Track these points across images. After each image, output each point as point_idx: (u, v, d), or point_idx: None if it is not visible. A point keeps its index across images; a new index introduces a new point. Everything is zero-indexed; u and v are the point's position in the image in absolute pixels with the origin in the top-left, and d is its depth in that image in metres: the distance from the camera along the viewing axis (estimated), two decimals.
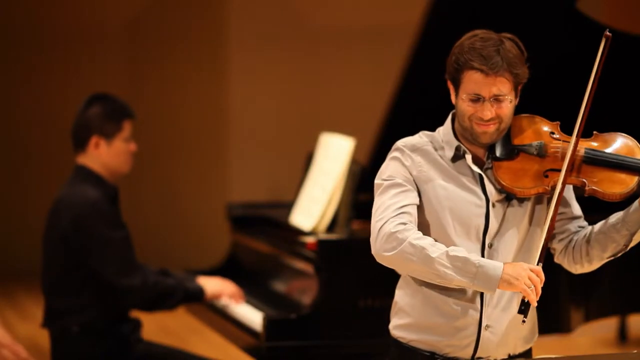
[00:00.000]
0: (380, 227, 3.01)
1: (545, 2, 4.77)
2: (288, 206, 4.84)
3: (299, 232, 4.48)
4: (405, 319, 3.15)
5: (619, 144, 3.12)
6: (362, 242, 4.34)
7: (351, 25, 9.20)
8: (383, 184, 3.09)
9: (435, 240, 3.02)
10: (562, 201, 3.15)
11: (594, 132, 3.13)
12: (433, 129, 3.23)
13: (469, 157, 3.09)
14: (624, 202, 3.11)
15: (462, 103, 3.05)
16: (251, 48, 9.13)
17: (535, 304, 2.93)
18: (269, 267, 4.74)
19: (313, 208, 4.57)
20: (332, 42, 9.21)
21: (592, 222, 3.19)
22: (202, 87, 9.14)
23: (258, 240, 4.88)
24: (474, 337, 3.09)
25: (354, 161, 4.56)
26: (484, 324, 3.08)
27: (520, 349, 3.18)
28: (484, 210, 3.07)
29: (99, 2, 9.10)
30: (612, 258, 3.15)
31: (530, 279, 2.92)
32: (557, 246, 3.20)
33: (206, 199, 9.12)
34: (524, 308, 2.95)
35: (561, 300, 4.40)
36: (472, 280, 2.95)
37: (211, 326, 4.77)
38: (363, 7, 9.21)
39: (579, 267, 3.18)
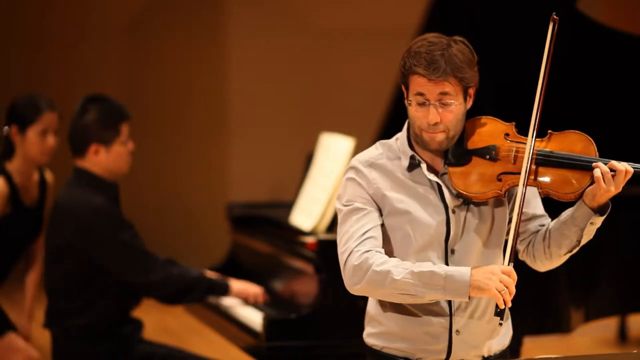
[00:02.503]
0: (346, 261, 3.03)
1: (545, 3, 4.77)
2: (288, 206, 4.84)
3: (299, 232, 4.48)
4: (377, 328, 3.16)
5: (573, 142, 3.05)
6: None
7: (352, 25, 9.20)
8: (343, 209, 3.09)
9: (402, 253, 3.04)
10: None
11: (549, 131, 3.07)
12: None
13: (424, 166, 3.08)
14: None
15: (411, 108, 3.04)
16: (252, 48, 9.13)
17: (510, 305, 2.91)
18: (269, 267, 4.74)
19: (313, 208, 4.57)
20: (332, 42, 9.21)
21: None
22: (202, 87, 9.13)
23: (258, 240, 4.88)
24: (446, 343, 3.10)
25: None
26: (454, 329, 3.09)
27: (494, 350, 3.18)
28: (444, 218, 3.06)
29: (100, 1, 9.10)
30: (569, 254, 3.12)
31: (502, 281, 2.90)
32: (519, 246, 3.21)
33: (206, 199, 9.12)
34: (499, 311, 2.92)
35: (561, 300, 4.40)
36: (443, 292, 2.95)
37: (211, 326, 4.77)
38: (364, 7, 9.21)
39: (540, 265, 3.19)
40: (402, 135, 3.14)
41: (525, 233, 3.17)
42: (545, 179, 3.02)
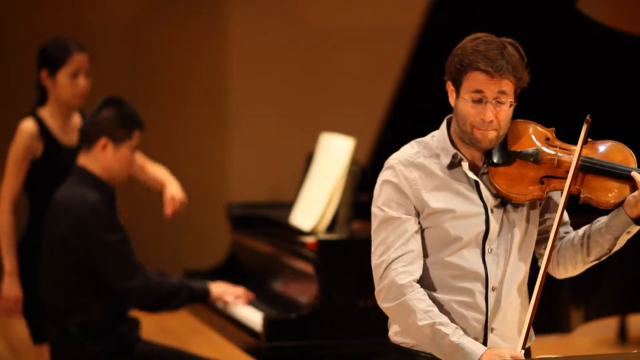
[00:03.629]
0: (383, 274, 3.04)
1: (545, 3, 4.77)
2: (288, 206, 4.84)
3: (299, 232, 4.48)
4: None
5: (613, 152, 3.12)
6: (362, 242, 4.35)
7: (352, 26, 9.19)
8: (378, 215, 3.09)
9: (438, 252, 3.05)
10: (550, 207, 3.19)
11: (589, 140, 3.12)
12: (433, 129, 3.22)
13: (465, 164, 3.08)
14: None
15: (465, 104, 3.03)
16: (251, 48, 9.12)
17: None
18: (269, 267, 4.74)
19: (313, 208, 4.57)
20: (332, 42, 9.21)
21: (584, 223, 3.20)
22: (202, 87, 9.14)
23: (258, 240, 4.88)
24: (481, 340, 3.09)
25: (354, 161, 4.56)
26: (489, 327, 3.09)
27: (519, 348, 3.18)
28: (483, 217, 3.07)
29: (99, 4, 9.10)
30: (596, 262, 3.16)
31: None
32: (543, 251, 3.21)
33: (206, 199, 9.12)
34: None
35: (561, 300, 4.40)
36: (446, 357, 2.99)
37: (211, 326, 4.77)
38: (364, 7, 9.20)
39: (563, 271, 3.21)
40: (440, 133, 3.13)
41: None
42: (588, 185, 3.07)
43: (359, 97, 8.99)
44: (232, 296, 4.46)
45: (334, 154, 4.64)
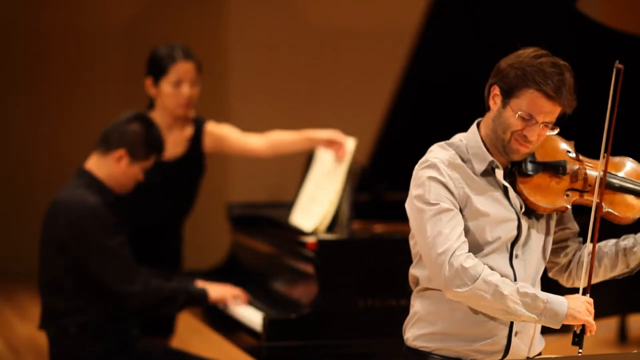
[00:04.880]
0: (449, 261, 2.99)
1: (545, 3, 4.77)
2: (288, 206, 4.84)
3: (299, 232, 4.48)
4: (428, 328, 3.13)
5: (628, 168, 3.18)
6: (362, 242, 4.37)
7: (352, 27, 9.20)
8: (430, 209, 3.04)
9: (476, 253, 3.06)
10: (565, 218, 3.23)
11: (606, 155, 3.12)
12: (431, 129, 3.22)
13: (499, 172, 3.09)
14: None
15: (512, 115, 3.03)
16: (252, 49, 9.13)
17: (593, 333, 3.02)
18: (269, 267, 4.73)
19: (313, 208, 4.57)
20: (332, 43, 9.21)
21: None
22: (202, 87, 9.13)
23: (258, 240, 4.88)
24: (504, 343, 3.10)
25: (354, 161, 4.56)
26: (514, 331, 3.10)
27: (533, 353, 3.21)
28: (516, 223, 3.09)
29: (99, 4, 9.10)
30: (614, 278, 3.23)
31: (588, 310, 3.02)
32: (560, 260, 3.26)
33: (206, 199, 9.10)
34: (578, 340, 3.02)
35: None
36: (539, 316, 2.99)
37: (211, 326, 4.77)
38: (364, 8, 9.21)
39: (577, 282, 3.24)
40: (472, 139, 3.12)
41: (569, 247, 3.25)
42: (609, 200, 3.12)
43: (359, 97, 8.99)
44: (230, 298, 4.46)
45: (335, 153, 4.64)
